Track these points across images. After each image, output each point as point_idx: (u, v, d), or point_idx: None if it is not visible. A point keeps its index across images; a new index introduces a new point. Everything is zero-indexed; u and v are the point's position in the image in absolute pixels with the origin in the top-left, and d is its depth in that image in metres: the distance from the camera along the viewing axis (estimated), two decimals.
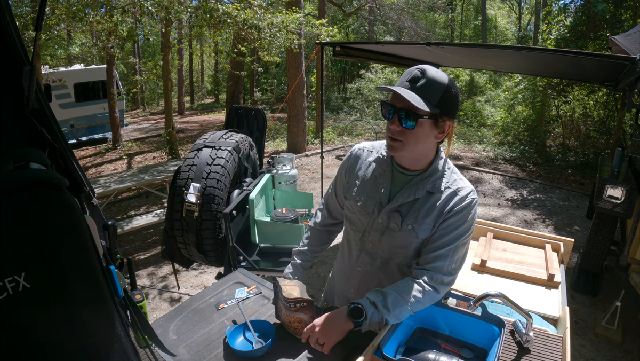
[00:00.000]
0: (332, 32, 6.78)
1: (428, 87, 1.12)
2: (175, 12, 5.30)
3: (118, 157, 9.48)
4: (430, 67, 1.14)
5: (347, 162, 1.40)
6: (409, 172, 1.26)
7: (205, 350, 1.25)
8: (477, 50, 4.24)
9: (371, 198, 1.29)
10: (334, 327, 1.16)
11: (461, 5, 22.36)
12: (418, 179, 1.24)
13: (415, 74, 1.14)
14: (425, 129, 1.16)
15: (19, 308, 0.65)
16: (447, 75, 1.16)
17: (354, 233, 1.37)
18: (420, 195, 1.23)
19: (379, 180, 1.29)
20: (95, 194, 1.19)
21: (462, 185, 1.24)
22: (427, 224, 1.22)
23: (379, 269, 1.33)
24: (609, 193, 3.20)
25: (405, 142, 1.17)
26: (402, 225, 1.23)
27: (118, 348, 0.78)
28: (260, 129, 3.43)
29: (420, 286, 1.19)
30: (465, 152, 8.97)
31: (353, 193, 1.34)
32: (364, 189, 1.32)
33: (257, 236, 2.70)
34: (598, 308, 3.44)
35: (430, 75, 1.12)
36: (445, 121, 1.17)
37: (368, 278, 1.35)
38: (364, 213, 1.30)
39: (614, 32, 6.45)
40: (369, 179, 1.32)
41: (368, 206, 1.29)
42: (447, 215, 1.21)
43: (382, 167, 1.30)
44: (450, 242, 1.20)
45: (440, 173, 1.24)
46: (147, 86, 21.78)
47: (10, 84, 0.91)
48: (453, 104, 1.16)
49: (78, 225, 0.72)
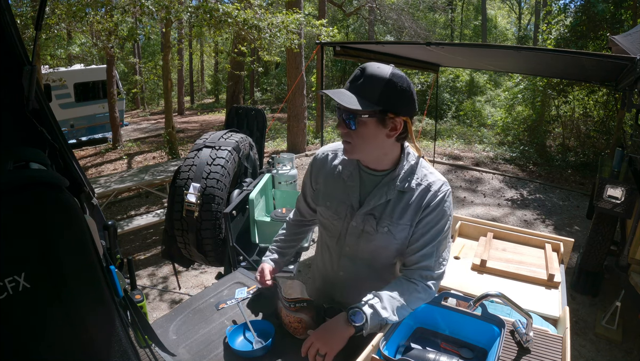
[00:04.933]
0: (332, 32, 6.78)
1: (367, 84, 1.08)
2: (175, 12, 5.31)
3: (118, 157, 9.47)
4: (373, 64, 1.10)
5: (313, 168, 1.37)
6: (377, 173, 1.23)
7: (205, 350, 1.25)
8: (477, 51, 4.24)
9: (342, 203, 1.26)
10: (335, 335, 1.11)
11: (461, 5, 22.35)
12: (387, 180, 1.21)
13: (355, 73, 1.11)
14: (370, 128, 1.12)
15: (19, 308, 0.65)
16: (391, 69, 1.10)
17: (329, 239, 1.35)
18: (392, 196, 1.20)
19: (348, 183, 1.26)
20: (95, 194, 1.19)
21: (433, 179, 1.21)
22: (403, 224, 1.20)
23: (362, 271, 1.31)
24: (609, 193, 3.20)
25: (353, 144, 1.15)
26: (378, 228, 1.21)
27: (118, 348, 0.78)
28: (260, 129, 3.43)
29: (414, 284, 1.19)
30: (465, 152, 8.97)
31: (323, 200, 1.31)
32: (334, 194, 1.28)
33: (257, 236, 2.70)
34: (598, 308, 3.44)
35: (369, 72, 1.09)
36: (394, 117, 1.11)
37: (353, 281, 1.33)
38: (337, 218, 1.28)
39: (614, 32, 6.45)
40: (337, 183, 1.28)
41: (340, 211, 1.26)
42: (424, 213, 1.19)
43: (349, 169, 1.26)
44: (432, 239, 1.19)
45: (409, 170, 1.21)
46: (147, 86, 21.77)
47: (11, 84, 0.91)
48: (400, 99, 1.10)
49: (78, 225, 0.72)
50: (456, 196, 6.41)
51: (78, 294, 0.72)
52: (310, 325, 1.25)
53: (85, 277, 0.73)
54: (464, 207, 5.92)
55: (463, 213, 5.53)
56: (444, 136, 10.30)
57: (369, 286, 1.21)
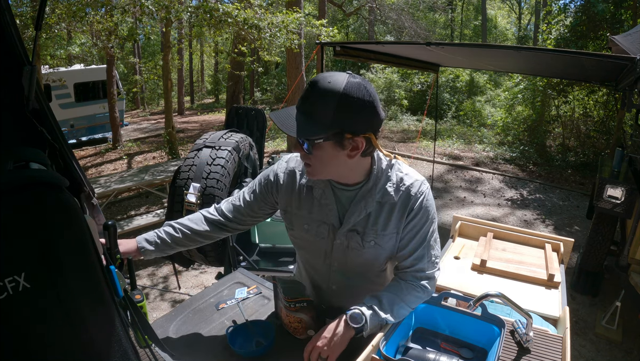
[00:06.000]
0: (332, 32, 6.78)
1: (318, 103, 0.97)
2: (175, 12, 5.31)
3: (118, 157, 9.47)
4: (324, 77, 0.98)
5: (277, 186, 1.26)
6: (350, 188, 1.16)
7: (205, 350, 1.25)
8: (477, 51, 4.25)
9: (322, 223, 1.20)
10: (335, 339, 1.10)
11: (461, 5, 22.35)
12: (363, 192, 1.15)
13: (305, 90, 0.99)
14: (328, 151, 1.03)
15: (19, 308, 0.65)
16: (345, 80, 0.96)
17: (315, 259, 1.30)
18: (372, 208, 1.15)
19: (322, 202, 1.19)
20: (95, 194, 1.19)
21: (411, 181, 1.16)
22: (389, 235, 1.17)
23: (356, 283, 1.29)
24: (609, 193, 3.20)
25: (313, 167, 1.08)
26: (364, 243, 1.17)
27: (118, 348, 0.78)
28: (260, 129, 3.43)
29: (411, 285, 1.19)
30: (465, 152, 8.97)
31: (299, 223, 1.24)
32: (309, 216, 1.22)
33: (257, 236, 2.70)
34: (598, 308, 3.44)
35: (320, 88, 0.96)
36: (353, 137, 1.00)
37: (349, 293, 1.31)
38: (319, 238, 1.22)
39: (614, 32, 6.45)
40: (310, 203, 1.21)
41: (321, 232, 1.21)
42: (408, 217, 1.16)
43: (320, 187, 1.19)
44: (421, 242, 1.17)
45: (384, 178, 1.15)
46: (147, 86, 21.77)
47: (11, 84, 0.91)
48: (358, 115, 0.98)
49: (78, 225, 0.72)
50: (456, 196, 6.41)
51: (78, 294, 0.72)
52: (310, 325, 1.25)
53: (85, 277, 0.73)
54: (464, 207, 5.92)
55: (463, 213, 5.52)
56: (444, 136, 10.31)
57: (363, 293, 1.20)
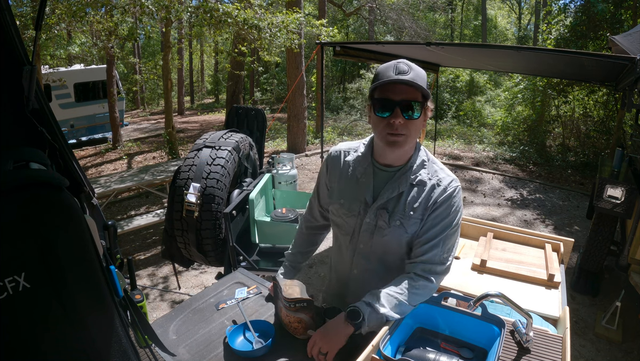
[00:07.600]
0: (332, 32, 6.78)
1: (417, 77, 1.15)
2: (175, 12, 5.30)
3: (118, 157, 9.47)
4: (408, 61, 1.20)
5: (326, 167, 1.40)
6: (390, 169, 1.27)
7: (205, 350, 1.25)
8: (477, 50, 4.25)
9: (356, 200, 1.29)
10: (335, 334, 1.16)
11: (461, 5, 22.34)
12: (400, 174, 1.25)
13: (402, 68, 1.16)
14: (422, 117, 1.20)
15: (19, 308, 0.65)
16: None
17: (343, 237, 1.36)
18: (405, 188, 1.24)
19: (361, 180, 1.29)
20: (95, 194, 1.19)
21: (443, 175, 1.25)
22: (415, 218, 1.23)
23: (376, 269, 1.33)
24: (609, 193, 3.19)
25: (408, 135, 1.18)
26: (390, 222, 1.24)
27: (118, 348, 0.78)
28: (260, 129, 3.43)
29: (413, 279, 1.20)
30: (465, 152, 8.97)
31: (337, 197, 1.34)
32: (348, 192, 1.31)
33: (257, 236, 2.70)
34: (598, 308, 3.44)
35: (414, 66, 1.19)
36: (428, 106, 1.21)
37: (367, 279, 1.34)
38: (350, 215, 1.30)
39: (614, 32, 6.45)
40: (351, 180, 1.31)
41: (353, 208, 1.29)
42: (433, 208, 1.23)
43: (363, 166, 1.30)
44: (439, 232, 1.22)
45: (420, 165, 1.26)
46: (147, 86, 21.77)
47: (11, 84, 0.91)
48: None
49: (78, 225, 0.72)
50: None
51: (78, 294, 0.72)
52: (310, 325, 1.25)
53: (85, 277, 0.73)
54: (464, 207, 5.91)
55: (463, 212, 5.51)
56: (444, 136, 10.30)
57: (380, 282, 1.23)
